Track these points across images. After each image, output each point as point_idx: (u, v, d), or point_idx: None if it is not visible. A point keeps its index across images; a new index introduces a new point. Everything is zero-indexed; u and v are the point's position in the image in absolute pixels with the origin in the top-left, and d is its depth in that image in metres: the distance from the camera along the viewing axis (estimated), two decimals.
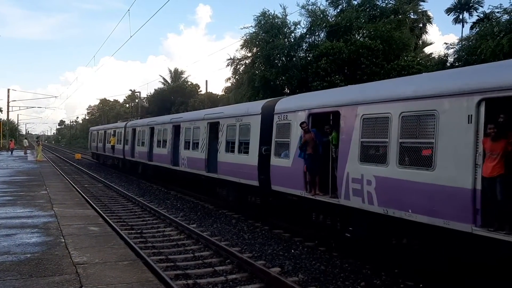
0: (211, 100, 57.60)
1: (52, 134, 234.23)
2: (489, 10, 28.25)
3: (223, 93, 62.56)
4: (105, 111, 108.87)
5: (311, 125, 11.88)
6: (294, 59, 33.85)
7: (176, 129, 22.79)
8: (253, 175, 14.56)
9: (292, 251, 11.31)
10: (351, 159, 10.20)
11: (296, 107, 12.77)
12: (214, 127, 18.15)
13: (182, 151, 21.19)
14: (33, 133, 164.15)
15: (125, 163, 34.07)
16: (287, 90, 34.03)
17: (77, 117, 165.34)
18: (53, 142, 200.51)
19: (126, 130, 33.44)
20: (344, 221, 11.13)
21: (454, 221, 7.54)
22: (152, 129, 26.82)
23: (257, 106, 15.51)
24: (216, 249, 11.14)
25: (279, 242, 12.17)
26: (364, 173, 9.78)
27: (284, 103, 13.80)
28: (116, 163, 37.70)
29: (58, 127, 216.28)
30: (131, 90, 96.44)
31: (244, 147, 15.42)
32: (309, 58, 33.40)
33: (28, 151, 59.84)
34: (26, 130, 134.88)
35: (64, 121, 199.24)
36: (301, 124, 11.76)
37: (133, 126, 32.01)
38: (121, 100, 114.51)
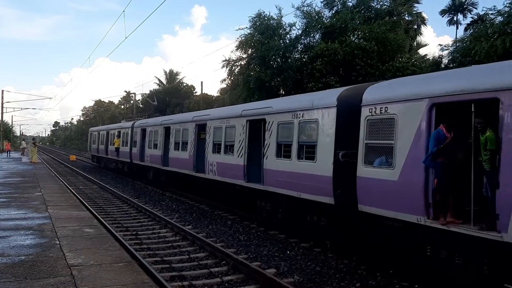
0: (207, 102, 57.57)
1: (46, 135, 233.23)
2: (483, 12, 28.39)
3: (218, 94, 62.51)
4: (100, 113, 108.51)
5: (435, 120, 8.29)
6: (289, 60, 33.88)
7: (200, 128, 19.36)
8: (324, 189, 10.82)
9: (288, 252, 11.32)
10: None
11: (406, 95, 8.97)
12: (255, 126, 15.07)
13: (209, 155, 17.64)
14: (28, 135, 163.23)
15: (132, 167, 30.61)
16: (282, 92, 34.08)
17: (72, 119, 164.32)
18: (47, 143, 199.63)
19: (133, 130, 29.79)
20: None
21: None
22: (167, 129, 23.30)
23: (329, 96, 11.59)
24: (212, 251, 11.13)
25: (274, 243, 12.17)
26: None
27: (380, 91, 10.01)
28: (121, 167, 34.14)
29: (52, 128, 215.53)
30: (126, 92, 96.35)
31: (308, 152, 11.78)
32: (304, 60, 33.44)
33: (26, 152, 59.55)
34: (20, 131, 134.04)
35: (59, 123, 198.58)
36: (443, 121, 8.16)
37: (142, 125, 28.34)
38: (116, 102, 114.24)
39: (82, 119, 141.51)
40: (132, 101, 79.27)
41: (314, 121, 11.62)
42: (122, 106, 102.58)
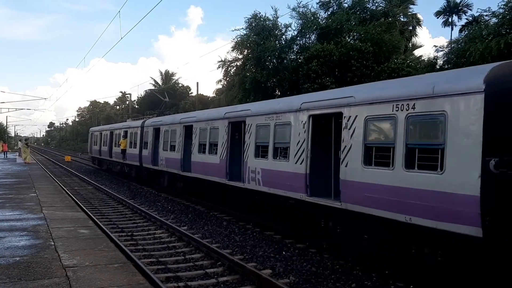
0: (202, 102, 57.50)
1: (41, 136, 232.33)
2: (478, 13, 28.57)
3: (214, 95, 62.49)
4: (96, 113, 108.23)
5: None
6: (285, 61, 33.92)
7: (235, 127, 15.96)
8: (459, 214, 7.53)
9: (283, 252, 11.32)
10: None
11: None
12: (319, 122, 11.68)
13: (250, 160, 14.17)
14: (22, 135, 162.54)
15: (142, 172, 27.15)
16: (278, 92, 34.10)
17: (67, 119, 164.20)
18: (42, 144, 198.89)
19: (143, 130, 26.44)
20: None
21: None
22: (188, 128, 19.90)
23: (467, 76, 8.19)
24: (207, 251, 11.12)
25: (270, 244, 12.17)
26: None
27: None
28: (127, 171, 30.50)
29: (47, 129, 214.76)
30: (121, 92, 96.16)
31: (426, 158, 8.33)
32: (300, 60, 33.48)
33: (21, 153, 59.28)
34: (15, 132, 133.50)
35: (54, 123, 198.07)
36: None
37: (155, 124, 24.84)
38: (111, 102, 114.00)
39: (77, 119, 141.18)
40: (127, 102, 79.09)
41: (439, 114, 8.08)
42: (118, 107, 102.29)
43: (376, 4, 34.74)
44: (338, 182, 10.42)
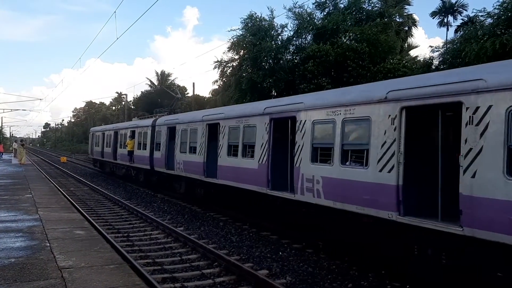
0: (199, 103, 57.48)
1: (37, 137, 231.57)
2: (473, 14, 28.69)
3: (210, 95, 62.45)
4: (91, 114, 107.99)
5: None
6: (281, 61, 33.94)
7: (278, 125, 13.27)
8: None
9: (280, 253, 11.32)
10: None
11: None
12: (418, 119, 8.99)
13: (304, 165, 11.41)
14: (18, 136, 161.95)
15: (152, 176, 24.47)
16: (274, 93, 34.11)
17: (63, 120, 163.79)
18: (38, 145, 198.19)
19: (155, 129, 23.81)
20: None
21: None
22: (213, 127, 17.07)
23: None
24: (204, 252, 11.10)
25: (266, 245, 12.17)
26: None
27: None
28: (135, 175, 27.82)
29: (43, 130, 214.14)
30: (117, 93, 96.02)
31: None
32: (296, 61, 33.52)
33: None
34: (10, 133, 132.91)
35: (49, 124, 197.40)
36: None
37: (170, 123, 21.86)
38: (107, 103, 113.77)
39: (73, 120, 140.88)
40: (123, 102, 78.93)
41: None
42: (114, 107, 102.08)
43: (372, 5, 34.87)
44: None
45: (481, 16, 25.55)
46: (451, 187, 7.78)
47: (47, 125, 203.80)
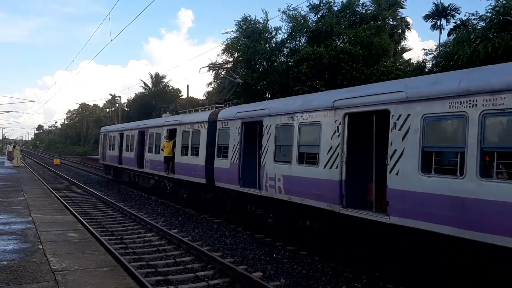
0: (193, 105, 57.35)
1: (30, 139, 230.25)
2: (466, 17, 28.84)
3: (204, 97, 62.39)
4: (85, 116, 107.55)
5: None
6: (275, 64, 34.04)
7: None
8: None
9: (274, 255, 11.32)
10: None
11: None
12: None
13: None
14: (10, 138, 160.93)
15: (206, 192, 17.45)
16: (268, 95, 34.17)
17: (56, 122, 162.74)
18: (31, 147, 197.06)
19: (216, 126, 16.12)
20: None
21: None
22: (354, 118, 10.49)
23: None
24: (198, 254, 11.09)
25: (261, 247, 12.17)
26: None
27: None
28: (173, 189, 20.28)
29: (36, 132, 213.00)
30: (111, 95, 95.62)
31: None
32: (290, 63, 33.61)
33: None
34: (3, 135, 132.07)
35: (43, 126, 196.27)
36: None
37: (251, 117, 14.23)
38: (101, 105, 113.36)
39: (66, 122, 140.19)
40: (117, 104, 78.73)
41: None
42: (108, 110, 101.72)
43: (366, 8, 35.10)
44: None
45: (474, 19, 25.76)
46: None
47: (40, 127, 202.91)
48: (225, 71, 36.85)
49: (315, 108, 11.04)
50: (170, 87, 72.91)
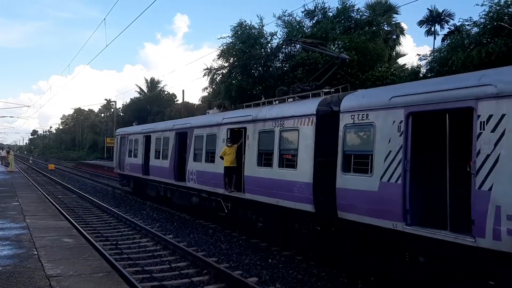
0: (188, 110, 57.38)
1: (24, 144, 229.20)
2: (460, 23, 29.00)
3: (199, 102, 62.41)
4: (80, 121, 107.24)
5: None
6: (270, 69, 34.08)
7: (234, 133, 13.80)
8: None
9: (270, 260, 11.32)
10: None
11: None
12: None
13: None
14: (5, 143, 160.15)
15: (308, 225, 11.29)
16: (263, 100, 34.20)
17: (51, 127, 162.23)
18: (25, 152, 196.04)
19: (335, 124, 10.24)
20: None
21: None
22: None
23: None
24: (193, 260, 11.07)
25: (256, 252, 12.17)
26: None
27: None
28: (230, 210, 14.89)
29: (30, 137, 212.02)
30: (106, 100, 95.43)
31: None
32: (285, 68, 33.66)
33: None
34: None
35: (37, 131, 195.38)
36: None
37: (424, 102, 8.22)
38: (96, 110, 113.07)
39: (61, 127, 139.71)
40: (112, 109, 78.56)
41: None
42: (102, 115, 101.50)
43: (361, 13, 35.28)
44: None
45: (468, 25, 25.89)
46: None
47: (34, 132, 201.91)
48: (221, 76, 36.97)
49: None
50: (166, 92, 72.95)
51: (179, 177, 18.45)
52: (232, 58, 35.23)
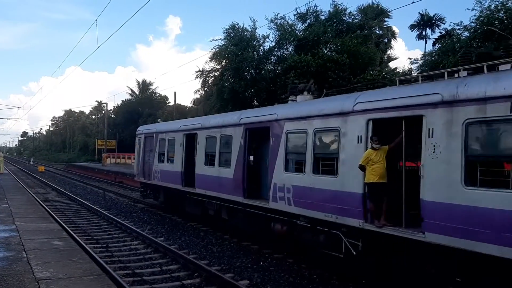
0: (180, 112, 57.25)
1: (14, 145, 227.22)
2: (450, 27, 29.31)
3: (191, 105, 62.32)
4: (70, 123, 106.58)
5: None
6: (262, 71, 34.12)
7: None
8: None
9: (261, 263, 11.30)
10: None
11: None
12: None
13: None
14: None
15: None
16: (256, 103, 34.24)
17: (41, 129, 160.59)
18: (15, 154, 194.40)
19: None
20: None
21: None
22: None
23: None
24: (184, 263, 11.02)
25: (247, 255, 12.14)
26: None
27: None
28: (361, 250, 9.24)
29: (20, 138, 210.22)
30: (97, 101, 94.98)
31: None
32: (277, 71, 33.74)
33: None
34: None
35: (27, 133, 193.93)
36: None
37: None
38: (87, 112, 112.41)
39: (51, 129, 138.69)
40: (103, 111, 78.18)
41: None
42: (93, 116, 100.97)
43: (352, 17, 35.44)
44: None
45: (458, 29, 26.16)
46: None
47: (24, 133, 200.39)
48: (213, 78, 36.93)
49: None
50: (158, 94, 72.78)
51: (250, 194, 13.30)
52: (224, 61, 35.23)
